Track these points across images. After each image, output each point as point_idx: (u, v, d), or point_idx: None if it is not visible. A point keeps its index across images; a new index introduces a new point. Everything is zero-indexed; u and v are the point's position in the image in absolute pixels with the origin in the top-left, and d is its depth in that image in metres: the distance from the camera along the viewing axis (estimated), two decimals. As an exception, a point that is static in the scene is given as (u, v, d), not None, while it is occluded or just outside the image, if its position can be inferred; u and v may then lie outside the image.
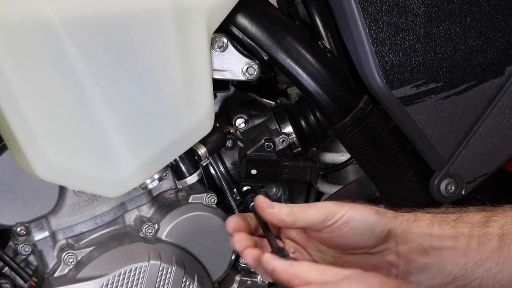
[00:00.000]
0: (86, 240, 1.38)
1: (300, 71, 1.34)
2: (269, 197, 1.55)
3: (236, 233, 1.06)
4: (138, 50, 1.19)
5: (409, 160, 1.44)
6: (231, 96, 1.56)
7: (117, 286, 1.32)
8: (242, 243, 1.04)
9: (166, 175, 1.42)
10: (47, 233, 1.35)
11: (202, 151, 1.35)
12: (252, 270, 1.46)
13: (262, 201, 1.06)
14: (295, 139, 1.46)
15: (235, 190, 1.50)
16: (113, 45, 1.17)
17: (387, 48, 1.37)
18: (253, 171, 1.43)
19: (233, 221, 1.07)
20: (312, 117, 1.46)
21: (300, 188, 1.65)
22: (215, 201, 1.42)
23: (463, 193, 1.50)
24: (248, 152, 1.43)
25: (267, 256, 0.96)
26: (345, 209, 1.07)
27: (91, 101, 1.18)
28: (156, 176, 1.29)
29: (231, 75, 1.33)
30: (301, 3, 1.45)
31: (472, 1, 1.41)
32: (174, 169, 1.36)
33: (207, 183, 1.51)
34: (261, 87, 1.56)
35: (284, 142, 1.45)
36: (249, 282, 1.46)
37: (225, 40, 1.30)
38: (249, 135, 1.47)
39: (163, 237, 1.39)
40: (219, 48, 1.30)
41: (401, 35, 1.38)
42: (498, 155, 1.50)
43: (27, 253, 1.35)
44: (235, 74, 1.33)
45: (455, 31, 1.41)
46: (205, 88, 1.25)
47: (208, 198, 1.42)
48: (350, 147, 1.41)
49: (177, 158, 1.32)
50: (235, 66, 1.32)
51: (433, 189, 1.48)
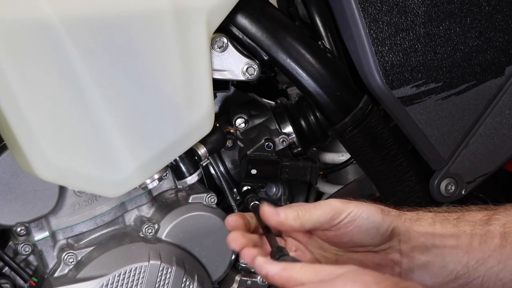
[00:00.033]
0: (86, 240, 1.38)
1: (300, 71, 1.34)
2: (269, 197, 1.55)
3: (232, 231, 1.05)
4: (138, 50, 1.19)
5: (409, 160, 1.44)
6: (231, 96, 1.56)
7: (117, 286, 1.32)
8: (237, 241, 1.03)
9: (166, 175, 1.42)
10: (47, 233, 1.35)
11: (202, 151, 1.35)
12: (252, 270, 1.46)
13: (267, 209, 1.05)
14: (295, 139, 1.46)
15: (235, 190, 1.50)
16: (113, 45, 1.17)
17: (387, 48, 1.37)
18: (253, 171, 1.43)
19: (232, 219, 1.07)
20: (312, 117, 1.46)
21: (300, 188, 1.65)
22: (215, 201, 1.42)
23: (463, 193, 1.50)
24: (248, 152, 1.43)
25: (259, 261, 0.95)
26: (351, 207, 1.06)
27: (91, 101, 1.18)
28: (156, 176, 1.29)
29: (231, 75, 1.32)
30: (301, 3, 1.45)
31: (472, 1, 1.41)
32: (174, 169, 1.36)
33: (207, 183, 1.51)
34: (261, 87, 1.56)
35: (284, 142, 1.45)
36: (249, 282, 1.46)
37: (225, 40, 1.30)
38: (249, 135, 1.47)
39: (163, 237, 1.38)
40: (219, 48, 1.30)
41: (401, 35, 1.38)
42: (498, 155, 1.50)
43: (27, 253, 1.35)
44: (235, 74, 1.32)
45: (455, 31, 1.41)
46: (205, 88, 1.25)
47: (208, 198, 1.42)
48: (350, 147, 1.41)
49: (177, 158, 1.32)
50: (235, 66, 1.32)
51: (433, 189, 1.48)
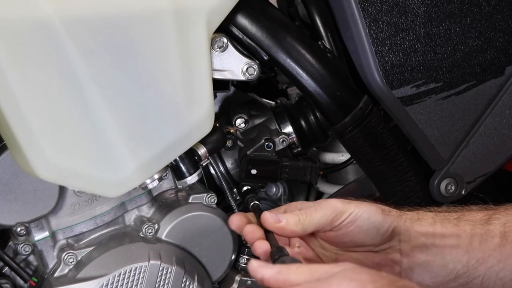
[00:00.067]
0: (86, 240, 1.38)
1: (300, 71, 1.34)
2: (269, 197, 1.55)
3: (248, 224, 1.07)
4: (138, 50, 1.19)
5: (409, 160, 1.44)
6: (231, 96, 1.56)
7: (117, 286, 1.32)
8: (253, 234, 1.05)
9: (166, 175, 1.42)
10: (47, 233, 1.35)
11: (202, 151, 1.35)
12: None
13: (268, 216, 1.06)
14: (295, 139, 1.46)
15: (235, 190, 1.50)
16: (113, 45, 1.17)
17: (387, 48, 1.37)
18: (253, 171, 1.43)
19: (236, 218, 1.09)
20: (312, 117, 1.46)
21: (300, 188, 1.65)
22: (215, 201, 1.42)
23: (463, 193, 1.50)
24: (248, 152, 1.43)
25: (254, 265, 0.94)
26: (352, 208, 1.07)
27: (91, 101, 1.17)
28: (156, 176, 1.29)
29: (231, 75, 1.32)
30: (301, 3, 1.45)
31: (472, 1, 1.41)
32: (174, 169, 1.36)
33: (207, 183, 1.51)
34: (261, 87, 1.56)
35: (284, 142, 1.45)
36: (249, 282, 1.45)
37: (225, 40, 1.30)
38: (249, 135, 1.47)
39: (163, 237, 1.38)
40: (219, 48, 1.30)
41: (401, 35, 1.38)
42: (498, 155, 1.50)
43: (27, 253, 1.35)
44: (235, 74, 1.32)
45: (455, 31, 1.41)
46: (205, 88, 1.25)
47: (208, 198, 1.42)
48: (350, 147, 1.41)
49: (177, 158, 1.32)
50: (235, 66, 1.32)
51: (433, 189, 1.48)
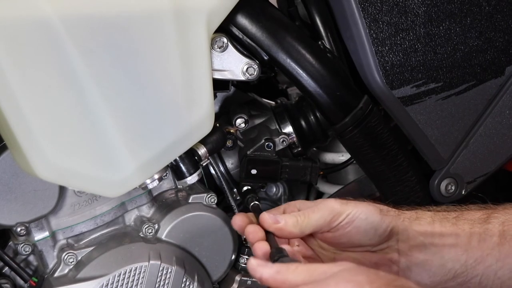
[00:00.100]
0: (86, 240, 1.38)
1: (300, 71, 1.34)
2: (269, 197, 1.55)
3: (249, 224, 1.07)
4: (138, 50, 1.19)
5: (409, 160, 1.43)
6: (231, 96, 1.56)
7: (117, 286, 1.32)
8: (255, 234, 1.05)
9: (166, 175, 1.42)
10: (47, 233, 1.35)
11: (202, 151, 1.35)
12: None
13: (267, 217, 1.07)
14: (295, 139, 1.46)
15: (235, 190, 1.50)
16: (113, 45, 1.17)
17: (387, 48, 1.37)
18: (253, 171, 1.43)
19: (239, 219, 1.09)
20: (312, 117, 1.46)
21: (300, 188, 1.65)
22: (215, 201, 1.42)
23: (463, 193, 1.50)
24: (248, 152, 1.43)
25: (253, 263, 0.95)
26: (349, 208, 1.07)
27: (91, 101, 1.17)
28: (156, 176, 1.29)
29: (231, 75, 1.32)
30: (301, 3, 1.45)
31: (472, 1, 1.41)
32: (174, 169, 1.36)
33: (207, 183, 1.51)
34: (261, 87, 1.56)
35: (284, 142, 1.45)
36: (249, 282, 1.45)
37: (225, 40, 1.30)
38: (249, 135, 1.47)
39: (163, 237, 1.38)
40: (219, 48, 1.30)
41: (401, 35, 1.38)
42: (498, 155, 1.50)
43: (27, 253, 1.35)
44: (235, 74, 1.32)
45: (455, 31, 1.41)
46: (205, 88, 1.25)
47: (208, 198, 1.42)
48: (350, 147, 1.41)
49: (177, 158, 1.32)
50: (235, 66, 1.32)
51: (433, 189, 1.48)
